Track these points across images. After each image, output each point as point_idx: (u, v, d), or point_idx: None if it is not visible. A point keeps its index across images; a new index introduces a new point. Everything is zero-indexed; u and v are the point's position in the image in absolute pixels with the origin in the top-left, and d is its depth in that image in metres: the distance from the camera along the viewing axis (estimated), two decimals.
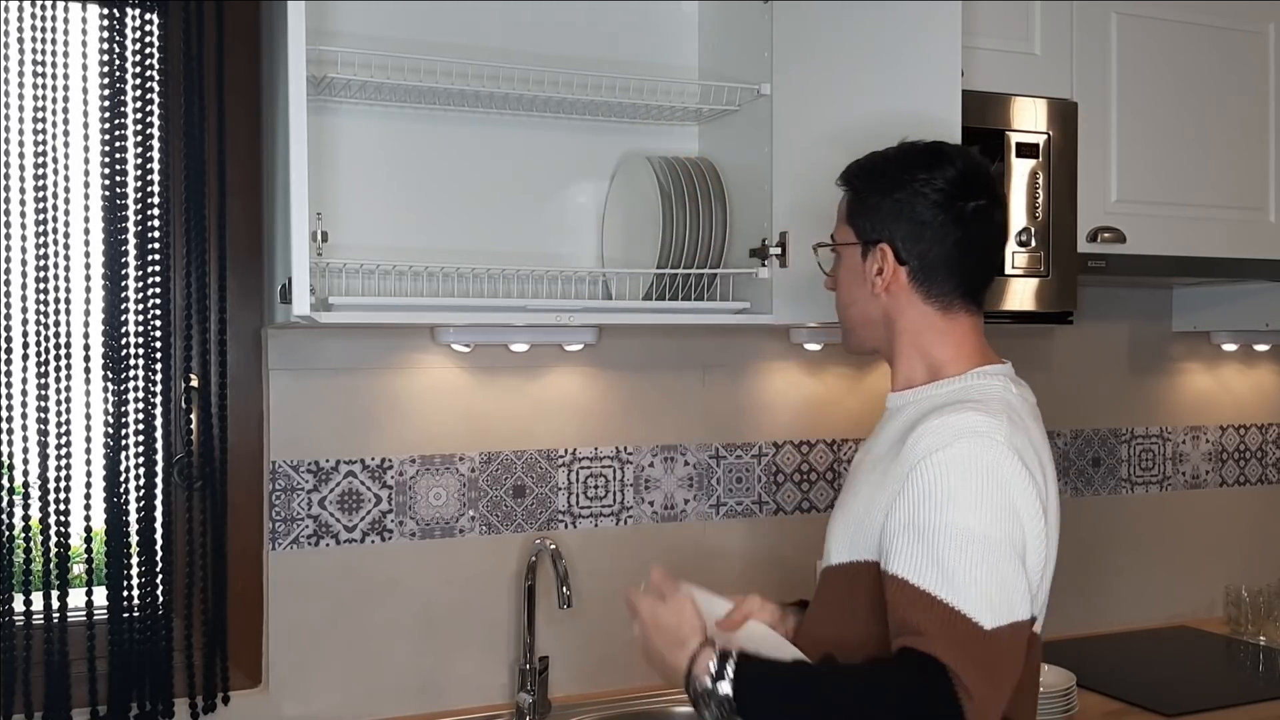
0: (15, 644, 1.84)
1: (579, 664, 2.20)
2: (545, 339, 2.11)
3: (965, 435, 1.30)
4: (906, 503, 1.29)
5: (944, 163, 1.43)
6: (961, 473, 1.28)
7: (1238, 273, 2.42)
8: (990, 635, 1.24)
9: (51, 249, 1.83)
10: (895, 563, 1.29)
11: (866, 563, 1.37)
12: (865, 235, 1.47)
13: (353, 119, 1.99)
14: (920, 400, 1.43)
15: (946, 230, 1.41)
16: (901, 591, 1.27)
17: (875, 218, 1.45)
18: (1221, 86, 2.35)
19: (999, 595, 1.26)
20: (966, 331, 1.46)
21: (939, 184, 1.41)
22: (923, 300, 1.45)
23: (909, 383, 1.47)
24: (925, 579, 1.26)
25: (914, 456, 1.31)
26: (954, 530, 1.26)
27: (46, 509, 1.83)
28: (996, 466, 1.29)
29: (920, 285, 1.44)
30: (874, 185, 1.46)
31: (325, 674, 2.04)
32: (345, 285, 1.90)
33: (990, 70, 2.09)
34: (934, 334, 1.45)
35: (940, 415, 1.33)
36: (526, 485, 2.19)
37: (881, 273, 1.45)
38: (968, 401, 1.36)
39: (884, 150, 1.50)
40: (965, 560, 1.25)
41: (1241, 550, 2.86)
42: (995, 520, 1.27)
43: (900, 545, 1.29)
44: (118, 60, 1.86)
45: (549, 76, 1.95)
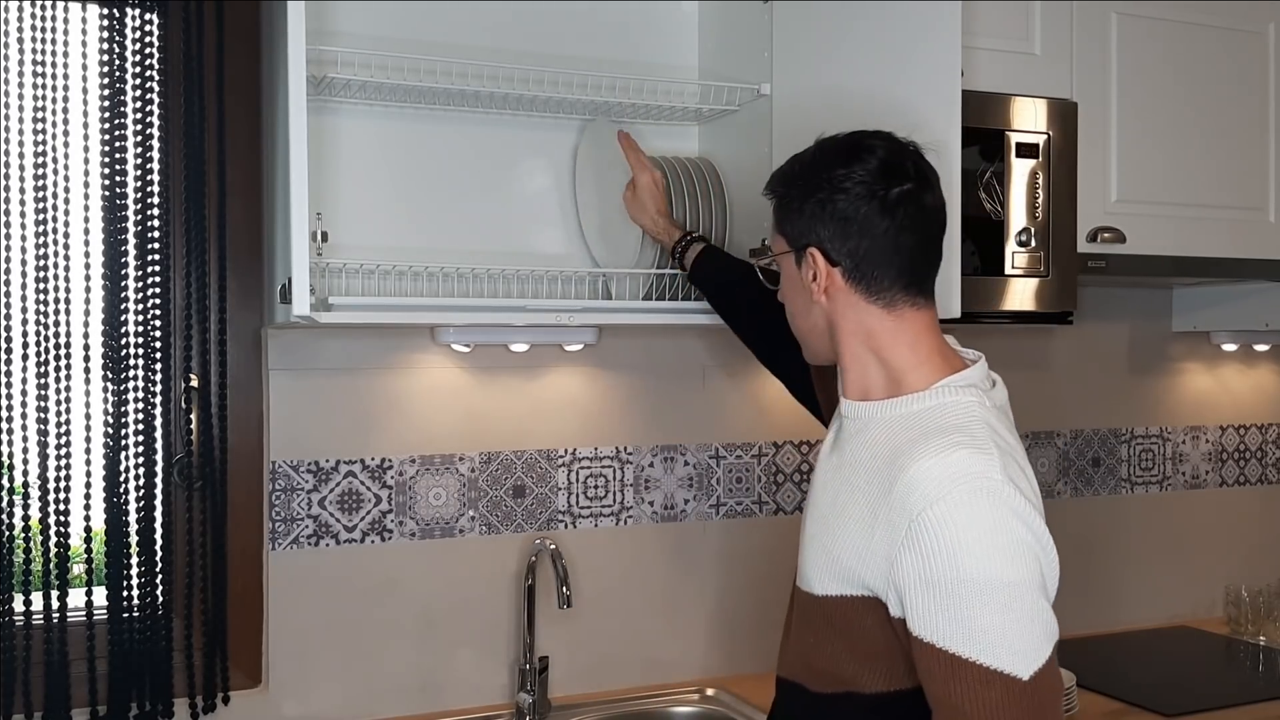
0: (15, 644, 1.84)
1: (579, 664, 2.20)
2: (545, 339, 2.11)
3: (963, 480, 1.23)
4: (915, 557, 1.23)
5: (862, 154, 1.36)
6: (967, 523, 1.22)
7: (1238, 273, 2.42)
8: (1032, 683, 1.20)
9: (51, 249, 1.83)
10: (918, 623, 1.24)
11: (863, 599, 1.31)
12: (795, 242, 1.40)
13: (353, 119, 1.99)
14: (889, 421, 1.35)
15: (872, 221, 1.34)
16: (929, 654, 1.23)
17: (800, 221, 1.39)
18: (1221, 86, 2.35)
19: (1030, 640, 1.21)
20: (920, 330, 1.38)
21: (858, 175, 1.34)
22: (864, 300, 1.37)
23: (865, 393, 1.39)
24: (954, 642, 1.21)
25: (911, 505, 1.24)
26: (973, 584, 1.21)
27: (46, 509, 1.83)
28: (1001, 508, 1.23)
29: (858, 284, 1.36)
30: (794, 189, 1.40)
31: (325, 674, 2.04)
32: (345, 285, 1.90)
33: (990, 70, 2.09)
34: (884, 335, 1.37)
35: (928, 455, 1.25)
36: (526, 485, 2.19)
37: (816, 277, 1.38)
38: (951, 431, 1.28)
39: (803, 152, 1.43)
40: (990, 614, 1.20)
41: (1241, 550, 2.86)
42: (1011, 563, 1.22)
43: (921, 603, 1.23)
44: (118, 60, 1.86)
45: (549, 76, 1.95)
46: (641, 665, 2.26)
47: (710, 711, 2.18)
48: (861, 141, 1.38)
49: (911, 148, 1.40)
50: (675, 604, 2.30)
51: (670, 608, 2.30)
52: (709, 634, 2.33)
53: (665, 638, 2.28)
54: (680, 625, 2.30)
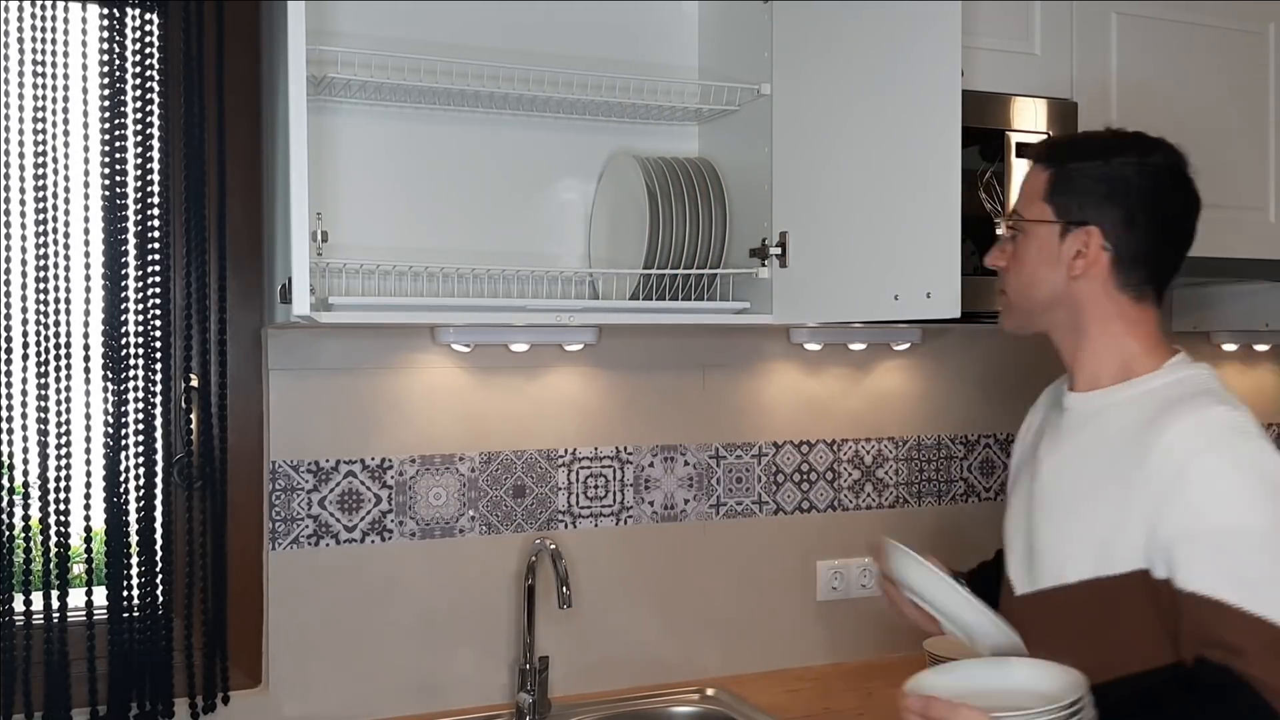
0: (15, 644, 1.84)
1: (579, 664, 2.20)
2: (545, 339, 2.11)
3: (1225, 433, 1.28)
4: (1182, 510, 1.26)
5: (1157, 150, 1.41)
6: (1232, 472, 1.26)
7: (1238, 273, 2.42)
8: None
9: (51, 249, 1.83)
10: (1185, 575, 1.26)
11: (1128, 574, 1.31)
12: (1069, 215, 1.42)
13: (353, 119, 1.99)
14: (1126, 402, 1.39)
15: (1155, 221, 1.40)
16: (1199, 606, 1.24)
17: (1084, 198, 1.41)
18: (1221, 86, 2.35)
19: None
20: (1154, 323, 1.44)
21: (1154, 171, 1.40)
22: (1117, 288, 1.41)
23: (1095, 381, 1.43)
24: (1223, 590, 1.23)
25: (1174, 461, 1.27)
26: (1241, 533, 1.24)
27: (46, 509, 1.83)
28: (1261, 459, 1.28)
29: (1118, 272, 1.41)
30: (1084, 164, 1.42)
31: (325, 674, 2.04)
32: (345, 285, 1.90)
33: (990, 70, 2.09)
34: (1124, 323, 1.42)
35: (1185, 415, 1.30)
36: (526, 485, 2.19)
37: (1082, 255, 1.41)
38: (1202, 394, 1.33)
39: (1092, 131, 1.48)
40: (1260, 562, 1.23)
41: None
42: (1276, 513, 1.25)
43: (1188, 557, 1.25)
44: (118, 60, 1.86)
45: (549, 76, 1.95)
46: (641, 665, 2.26)
47: (710, 711, 2.18)
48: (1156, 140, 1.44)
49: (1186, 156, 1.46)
50: (675, 604, 2.30)
51: (670, 608, 2.29)
52: (709, 634, 2.33)
53: (665, 638, 2.28)
54: (680, 625, 2.30)
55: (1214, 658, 1.23)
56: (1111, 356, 1.43)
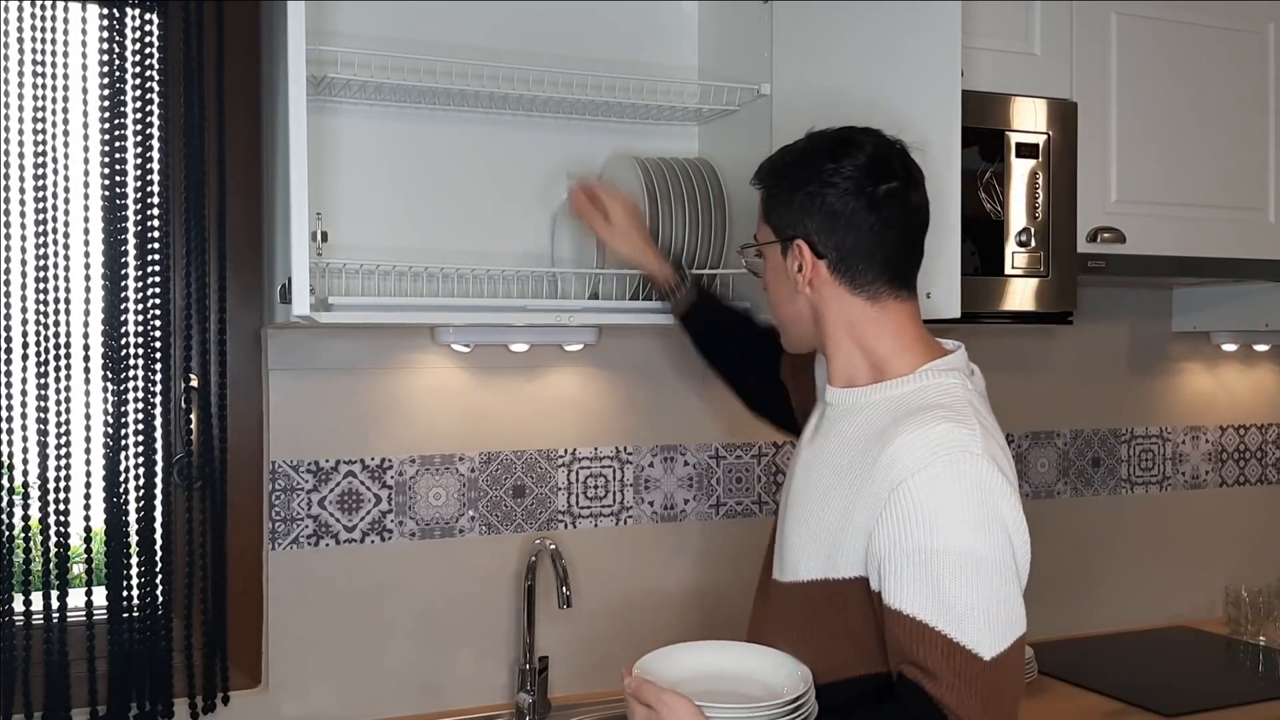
0: (15, 644, 1.84)
1: (579, 664, 2.20)
2: (545, 339, 2.11)
3: (944, 452, 1.26)
4: (893, 526, 1.26)
5: (851, 150, 1.39)
6: (947, 493, 1.25)
7: (1238, 273, 2.42)
8: (992, 665, 1.22)
9: (51, 249, 1.83)
10: (889, 591, 1.26)
11: (852, 580, 1.33)
12: (781, 233, 1.44)
13: (353, 119, 1.99)
14: (874, 404, 1.38)
15: (859, 217, 1.37)
16: (898, 623, 1.25)
17: (787, 213, 1.42)
18: (1221, 86, 2.35)
19: (997, 619, 1.23)
20: (902, 320, 1.41)
21: (847, 171, 1.37)
22: (848, 292, 1.40)
23: (850, 380, 1.42)
24: (924, 610, 1.24)
25: (893, 476, 1.27)
26: (947, 555, 1.23)
27: (46, 509, 1.83)
28: (980, 483, 1.26)
29: (843, 276, 1.40)
30: (783, 181, 1.43)
31: (325, 674, 2.04)
32: (345, 285, 1.90)
33: (990, 70, 2.09)
34: (867, 324, 1.41)
35: (912, 428, 1.29)
36: (526, 485, 2.19)
37: (801, 268, 1.41)
38: (935, 408, 1.32)
39: (793, 144, 1.46)
40: (961, 585, 1.23)
41: (1241, 550, 2.86)
42: (986, 539, 1.25)
43: (893, 572, 1.26)
44: (118, 60, 1.86)
45: (549, 77, 1.95)
46: None
47: None
48: (851, 137, 1.41)
49: (898, 145, 1.43)
50: (675, 604, 2.30)
51: (670, 608, 2.29)
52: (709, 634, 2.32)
53: (665, 638, 2.27)
54: (680, 625, 2.30)
55: (910, 675, 1.24)
56: (861, 359, 1.42)
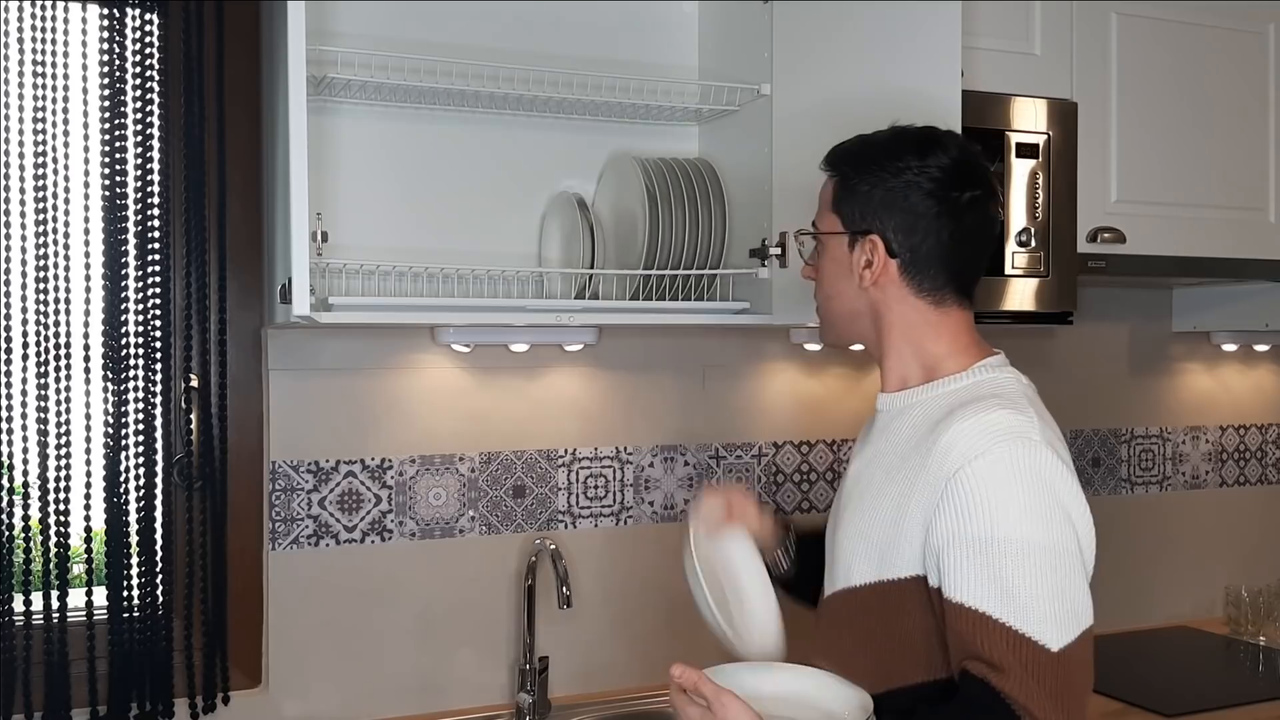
0: (15, 644, 1.84)
1: (579, 664, 2.20)
2: (545, 339, 2.11)
3: (1003, 438, 1.23)
4: (951, 515, 1.22)
5: (938, 150, 1.35)
6: (1007, 480, 1.21)
7: (1238, 273, 2.42)
8: (1060, 657, 1.17)
9: (51, 249, 1.83)
10: (950, 583, 1.22)
11: (909, 579, 1.28)
12: (853, 225, 1.39)
13: (353, 119, 1.99)
14: (925, 402, 1.35)
15: (940, 222, 1.34)
16: (960, 616, 1.21)
17: (865, 207, 1.37)
18: (1221, 86, 2.35)
19: (1064, 609, 1.19)
20: (960, 326, 1.39)
21: (933, 172, 1.34)
22: (913, 294, 1.37)
23: (903, 383, 1.40)
24: (986, 601, 1.19)
25: (949, 464, 1.23)
26: (1009, 544, 1.19)
27: (46, 509, 1.83)
28: (1040, 469, 1.22)
29: (911, 278, 1.37)
30: (864, 172, 1.38)
31: (325, 674, 2.04)
32: (345, 285, 1.90)
33: (990, 70, 2.09)
34: (926, 328, 1.38)
35: (966, 417, 1.26)
36: (526, 485, 2.19)
37: (870, 265, 1.37)
38: (990, 397, 1.29)
39: (874, 134, 1.41)
40: (1025, 576, 1.18)
41: (1241, 550, 2.86)
42: (1048, 527, 1.21)
43: (954, 563, 1.21)
44: (118, 60, 1.86)
45: (549, 77, 1.95)
46: (641, 665, 2.26)
47: None
48: (938, 138, 1.38)
49: (980, 153, 1.40)
50: (675, 604, 2.30)
51: (670, 608, 2.29)
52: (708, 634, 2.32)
53: (665, 638, 2.28)
54: (680, 625, 2.30)
55: (974, 671, 1.20)
56: (916, 361, 1.39)
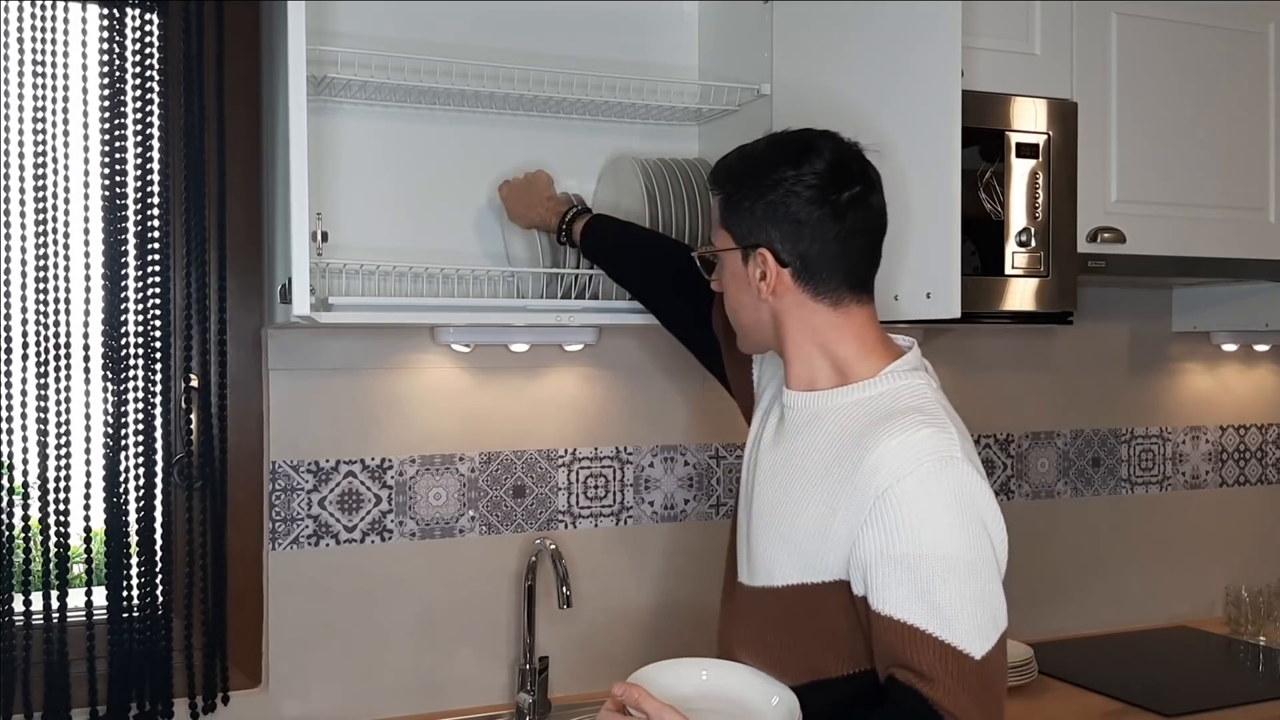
0: (15, 644, 1.84)
1: (579, 664, 2.20)
2: (545, 339, 2.11)
3: (928, 458, 1.27)
4: (879, 532, 1.26)
5: (811, 155, 1.37)
6: (932, 499, 1.26)
7: (1238, 273, 2.42)
8: (982, 663, 1.24)
9: (51, 249, 1.83)
10: (879, 597, 1.27)
11: (831, 584, 1.33)
12: (742, 240, 1.41)
13: (353, 119, 1.99)
14: (841, 410, 1.37)
15: (824, 225, 1.36)
16: (889, 628, 1.26)
17: (749, 221, 1.40)
18: (1221, 86, 2.35)
19: (985, 618, 1.25)
20: (863, 323, 1.41)
21: (809, 179, 1.35)
22: (811, 299, 1.39)
23: (810, 383, 1.41)
24: (915, 615, 1.24)
25: (877, 483, 1.27)
26: (935, 560, 1.24)
27: (46, 509, 1.83)
28: (963, 487, 1.27)
29: (806, 284, 1.39)
30: (744, 187, 1.40)
31: (325, 674, 2.04)
32: (345, 285, 1.90)
33: (990, 70, 2.09)
34: (830, 330, 1.40)
35: (891, 435, 1.29)
36: (526, 485, 2.19)
37: (765, 277, 1.39)
38: (910, 412, 1.32)
39: (749, 146, 1.44)
40: (950, 589, 1.24)
41: (1241, 550, 2.86)
42: (970, 542, 1.26)
43: (882, 578, 1.26)
44: (118, 60, 1.86)
45: (549, 77, 1.95)
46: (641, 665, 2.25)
47: None
48: (811, 142, 1.40)
49: (855, 148, 1.42)
50: (675, 604, 2.30)
51: (670, 608, 2.30)
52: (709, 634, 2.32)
53: (665, 638, 2.28)
54: (680, 625, 2.30)
55: (903, 679, 1.25)
56: (823, 362, 1.41)
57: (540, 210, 1.95)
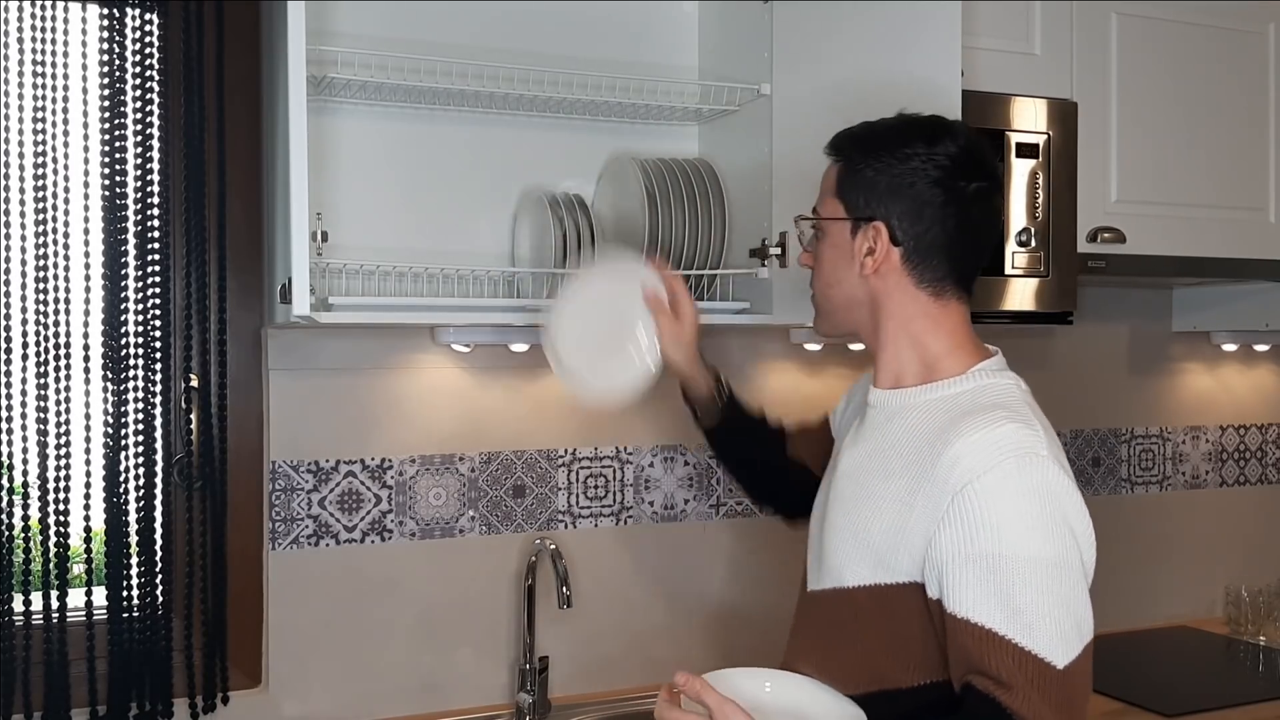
0: (15, 644, 1.84)
1: (579, 664, 2.20)
2: None
3: (1010, 454, 1.21)
4: (958, 530, 1.21)
5: (946, 138, 1.33)
6: (1014, 496, 1.20)
7: (1238, 273, 2.42)
8: (1065, 673, 1.18)
9: (51, 249, 1.83)
10: (956, 599, 1.21)
11: (905, 585, 1.27)
12: (857, 211, 1.37)
13: (353, 119, 1.99)
14: (924, 405, 1.33)
15: (946, 211, 1.32)
16: (966, 632, 1.20)
17: (870, 192, 1.35)
18: (1221, 86, 2.35)
19: (1069, 625, 1.19)
20: (958, 320, 1.37)
21: (941, 160, 1.32)
22: (914, 284, 1.35)
23: (897, 380, 1.38)
24: (994, 619, 1.18)
25: (956, 478, 1.22)
26: (1017, 561, 1.18)
27: (46, 509, 1.83)
28: (1048, 485, 1.22)
29: (913, 268, 1.35)
30: (870, 157, 1.36)
31: (325, 674, 2.05)
32: (345, 285, 1.90)
33: (990, 70, 2.09)
34: (925, 321, 1.36)
35: (974, 430, 1.24)
36: (526, 485, 2.19)
37: (873, 252, 1.35)
38: (996, 408, 1.27)
39: (881, 120, 1.40)
40: (1032, 592, 1.18)
41: (1241, 550, 2.86)
42: (1054, 543, 1.20)
43: (960, 579, 1.20)
44: (118, 60, 1.86)
45: (549, 77, 1.95)
46: (641, 665, 2.26)
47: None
48: (947, 126, 1.36)
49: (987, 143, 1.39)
50: (675, 604, 2.30)
51: (670, 608, 2.30)
52: (709, 634, 2.33)
53: (665, 638, 2.28)
54: (680, 625, 2.30)
55: (980, 686, 1.19)
56: (913, 356, 1.37)
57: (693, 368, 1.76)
